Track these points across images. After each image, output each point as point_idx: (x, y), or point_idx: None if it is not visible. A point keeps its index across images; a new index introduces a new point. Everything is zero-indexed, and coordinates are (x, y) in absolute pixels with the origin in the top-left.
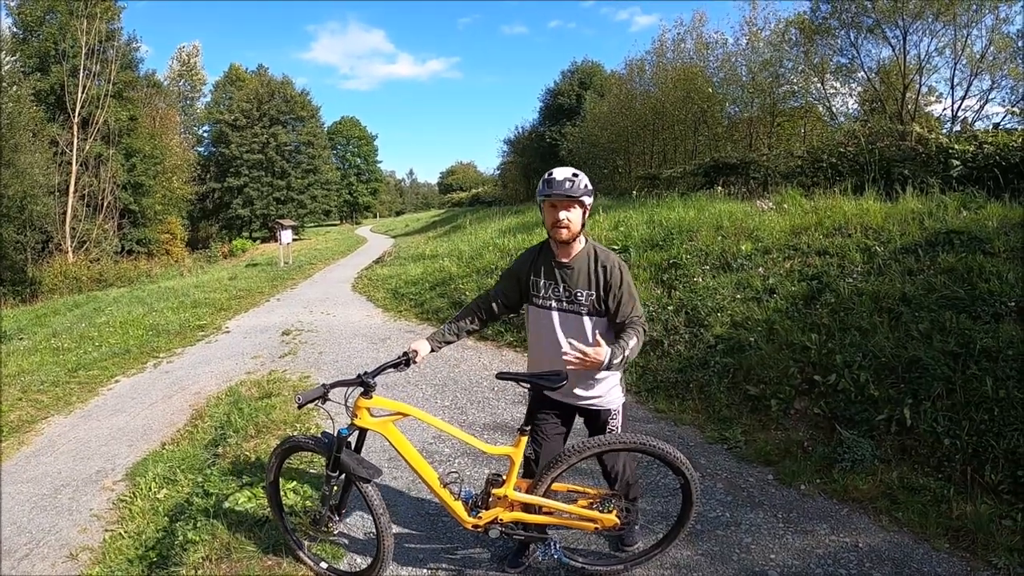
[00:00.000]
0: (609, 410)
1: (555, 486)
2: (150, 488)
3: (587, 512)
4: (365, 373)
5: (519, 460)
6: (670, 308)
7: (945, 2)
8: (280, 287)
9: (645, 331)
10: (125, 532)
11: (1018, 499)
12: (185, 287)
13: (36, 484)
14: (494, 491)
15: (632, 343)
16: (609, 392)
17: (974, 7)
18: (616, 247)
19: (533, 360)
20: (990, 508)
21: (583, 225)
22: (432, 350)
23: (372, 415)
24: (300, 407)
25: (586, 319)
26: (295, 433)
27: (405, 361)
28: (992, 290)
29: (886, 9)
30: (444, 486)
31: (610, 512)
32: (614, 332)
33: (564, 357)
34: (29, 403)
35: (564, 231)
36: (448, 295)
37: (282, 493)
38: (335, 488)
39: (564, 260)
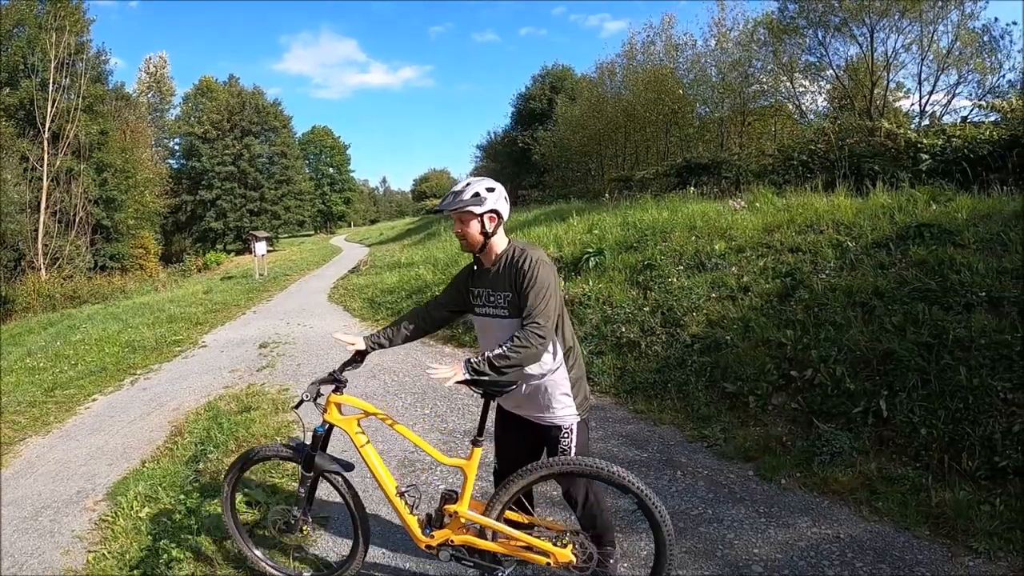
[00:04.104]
0: (560, 427)
1: (518, 517)
2: (132, 507)
3: (540, 543)
4: (335, 371)
5: (472, 474)
6: (646, 309)
7: None
8: (256, 299)
9: (537, 334)
10: (109, 552)
11: (995, 485)
12: (160, 302)
13: (16, 507)
14: (447, 507)
15: (501, 351)
16: (560, 409)
17: (939, 4)
18: (591, 250)
19: None
20: (968, 494)
21: (485, 233)
22: (367, 349)
23: (341, 412)
24: (297, 407)
25: (508, 322)
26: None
27: (357, 358)
28: (963, 281)
29: (853, 7)
30: (399, 495)
31: (565, 547)
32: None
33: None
34: (6, 424)
35: (463, 241)
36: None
37: (237, 509)
38: (308, 489)
39: (487, 266)
